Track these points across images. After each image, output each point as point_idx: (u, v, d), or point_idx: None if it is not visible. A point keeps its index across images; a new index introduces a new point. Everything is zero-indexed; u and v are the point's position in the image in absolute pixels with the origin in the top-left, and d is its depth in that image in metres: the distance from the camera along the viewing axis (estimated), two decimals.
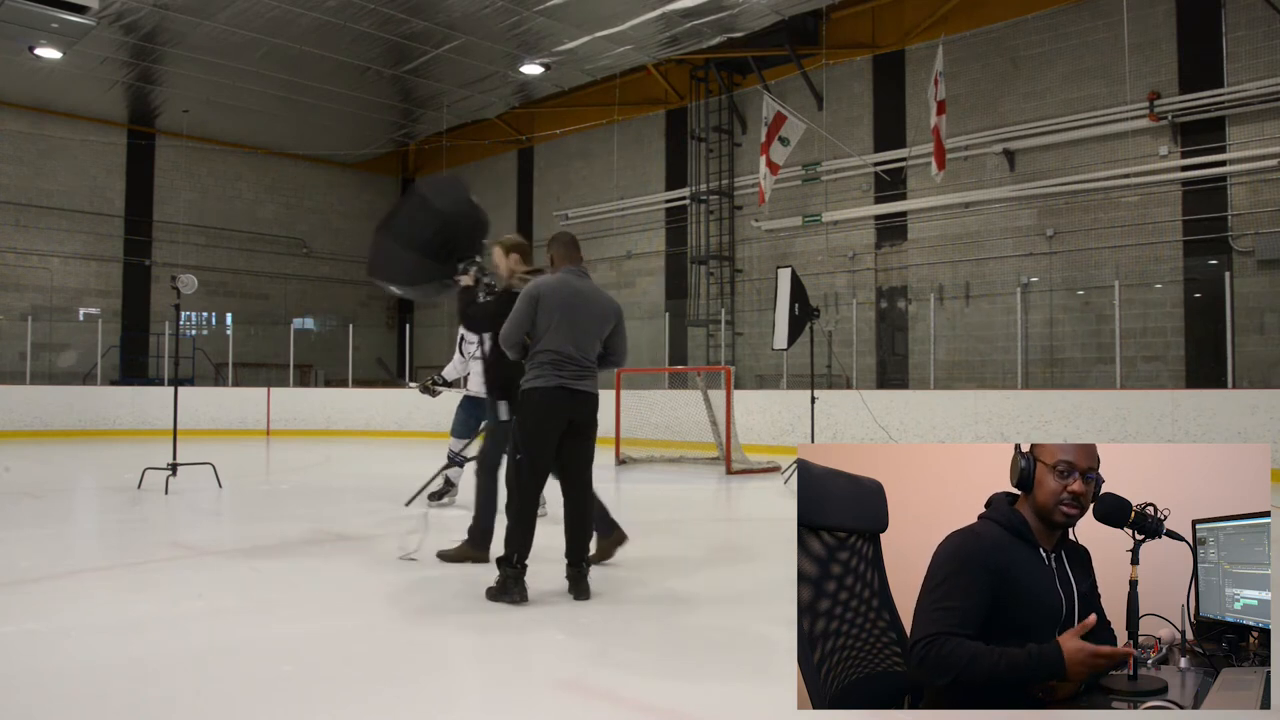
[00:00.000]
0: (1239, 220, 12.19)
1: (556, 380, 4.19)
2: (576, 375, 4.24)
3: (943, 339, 14.51)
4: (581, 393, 4.26)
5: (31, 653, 3.47)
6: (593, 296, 4.38)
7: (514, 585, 4.10)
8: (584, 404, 4.28)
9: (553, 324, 4.21)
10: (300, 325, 22.18)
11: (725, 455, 10.88)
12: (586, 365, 4.29)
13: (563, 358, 4.20)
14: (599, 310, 4.37)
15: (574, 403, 4.23)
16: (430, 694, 3.09)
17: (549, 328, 4.22)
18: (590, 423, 4.35)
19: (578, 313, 4.27)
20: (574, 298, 4.29)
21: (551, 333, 4.21)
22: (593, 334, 4.33)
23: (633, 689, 3.12)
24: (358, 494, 8.70)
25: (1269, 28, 11.91)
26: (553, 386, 4.19)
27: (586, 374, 4.30)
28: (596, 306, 4.36)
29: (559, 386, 4.19)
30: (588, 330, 4.29)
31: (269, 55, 16.55)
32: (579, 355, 4.25)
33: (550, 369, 4.20)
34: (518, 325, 4.26)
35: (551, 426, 4.21)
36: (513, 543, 4.16)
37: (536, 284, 4.31)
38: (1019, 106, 14.11)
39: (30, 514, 7.25)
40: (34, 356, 17.98)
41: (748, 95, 17.53)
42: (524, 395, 4.25)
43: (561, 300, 4.25)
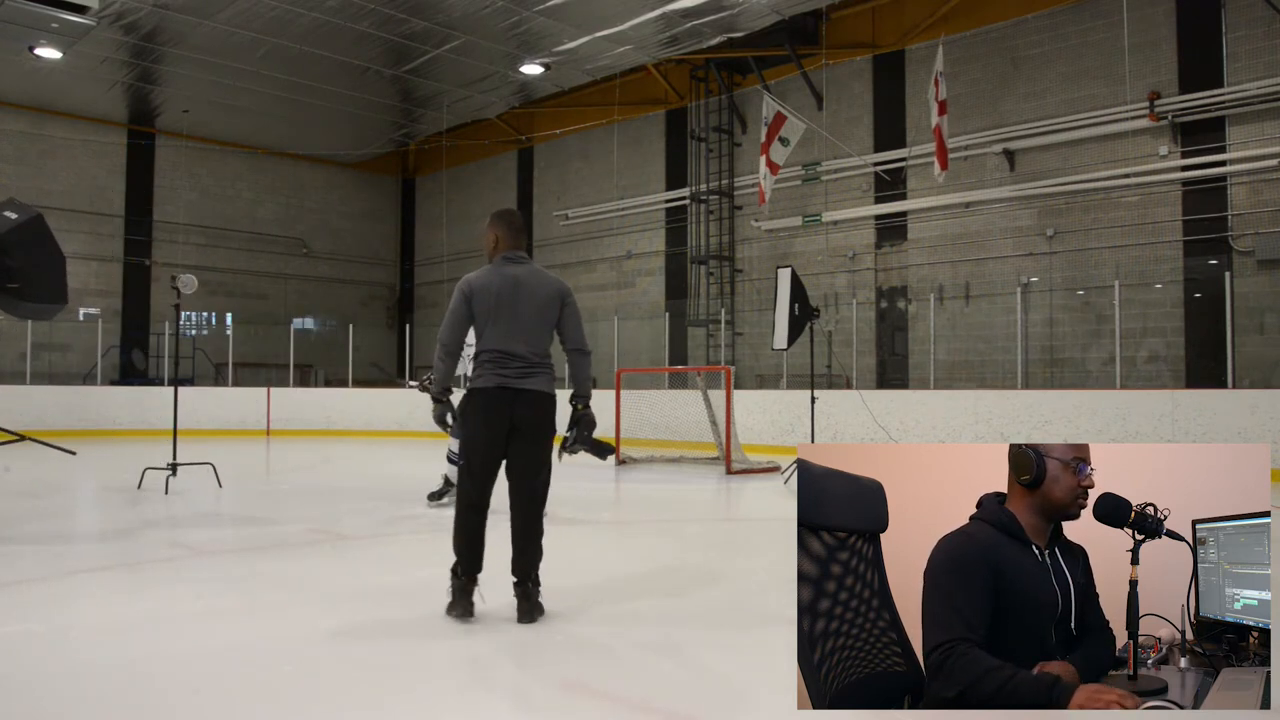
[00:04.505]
0: (1239, 220, 12.19)
1: (498, 380, 3.86)
2: (521, 373, 3.88)
3: (943, 339, 14.50)
4: (527, 392, 3.87)
5: (31, 653, 3.48)
6: (532, 282, 3.96)
7: (459, 599, 3.84)
8: (529, 403, 3.88)
9: (490, 321, 3.89)
10: (300, 325, 22.17)
11: (725, 455, 10.87)
12: (534, 362, 3.91)
13: (505, 355, 3.87)
14: (542, 297, 3.96)
15: (517, 403, 3.85)
16: (431, 693, 3.09)
17: (487, 325, 3.89)
18: (539, 424, 3.92)
19: (518, 305, 3.90)
20: (512, 289, 3.91)
21: (490, 331, 3.89)
22: (538, 325, 3.94)
23: (633, 689, 3.12)
24: (358, 494, 8.69)
25: (1269, 28, 11.91)
26: (493, 387, 3.86)
27: (534, 371, 3.91)
28: (539, 293, 3.95)
29: (500, 386, 3.85)
30: (531, 322, 3.92)
31: (269, 55, 16.55)
32: (525, 351, 3.89)
33: (491, 368, 3.87)
34: (454, 327, 3.93)
35: (493, 430, 3.85)
36: (456, 553, 3.91)
37: (467, 280, 3.96)
38: (1019, 106, 14.11)
39: (30, 514, 7.25)
40: (34, 356, 17.97)
41: (748, 95, 17.53)
42: (465, 397, 3.98)
43: (497, 293, 3.89)
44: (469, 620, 3.81)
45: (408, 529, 6.53)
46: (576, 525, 6.90)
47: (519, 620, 3.85)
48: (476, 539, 3.91)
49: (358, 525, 6.80)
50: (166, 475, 8.45)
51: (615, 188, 19.74)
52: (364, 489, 9.09)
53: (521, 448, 3.90)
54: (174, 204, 21.57)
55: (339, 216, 24.36)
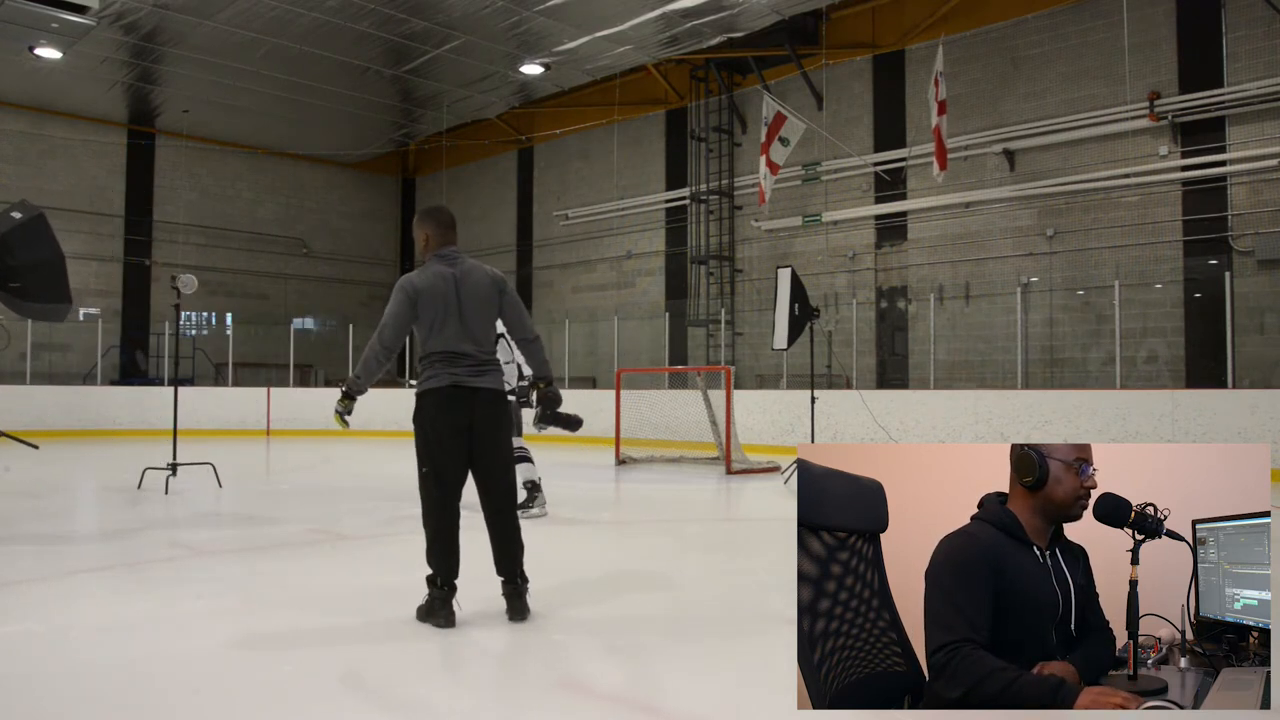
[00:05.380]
0: (1239, 220, 12.19)
1: (450, 379, 3.80)
2: (474, 371, 3.85)
3: (943, 339, 14.50)
4: (482, 390, 3.85)
5: (31, 653, 3.48)
6: (472, 279, 3.91)
7: (439, 608, 3.77)
8: (485, 402, 3.85)
9: (437, 323, 3.83)
10: (300, 325, 22.17)
11: (725, 455, 10.87)
12: (484, 359, 3.90)
13: (455, 355, 3.83)
14: (483, 292, 3.92)
15: (474, 401, 3.82)
16: (431, 693, 3.09)
17: (434, 328, 3.84)
18: (497, 422, 3.90)
19: (463, 305, 3.86)
20: (455, 290, 3.86)
21: (438, 333, 3.84)
22: (484, 323, 3.92)
23: (632, 689, 3.12)
24: (357, 494, 8.70)
25: (1269, 28, 11.91)
26: (446, 386, 3.80)
27: (485, 369, 3.90)
28: (480, 290, 3.91)
29: (454, 385, 3.80)
30: (477, 321, 3.88)
31: (269, 55, 16.55)
32: (474, 350, 3.86)
33: (442, 367, 3.82)
34: (399, 328, 3.88)
35: (451, 432, 3.80)
36: (432, 563, 3.83)
37: (410, 281, 3.88)
38: (1019, 106, 14.11)
39: (30, 514, 7.25)
40: (34, 356, 17.97)
41: (748, 95, 17.53)
42: (418, 401, 3.88)
43: (444, 295, 3.84)
44: (451, 628, 3.75)
45: (408, 529, 6.52)
46: (576, 525, 6.90)
47: (510, 619, 3.84)
48: (453, 547, 3.84)
49: (358, 525, 6.80)
50: (166, 475, 8.45)
51: (615, 188, 19.74)
52: (364, 489, 9.09)
53: (485, 448, 3.87)
54: (174, 204, 21.58)
55: (339, 216, 24.36)
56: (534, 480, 7.02)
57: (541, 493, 7.11)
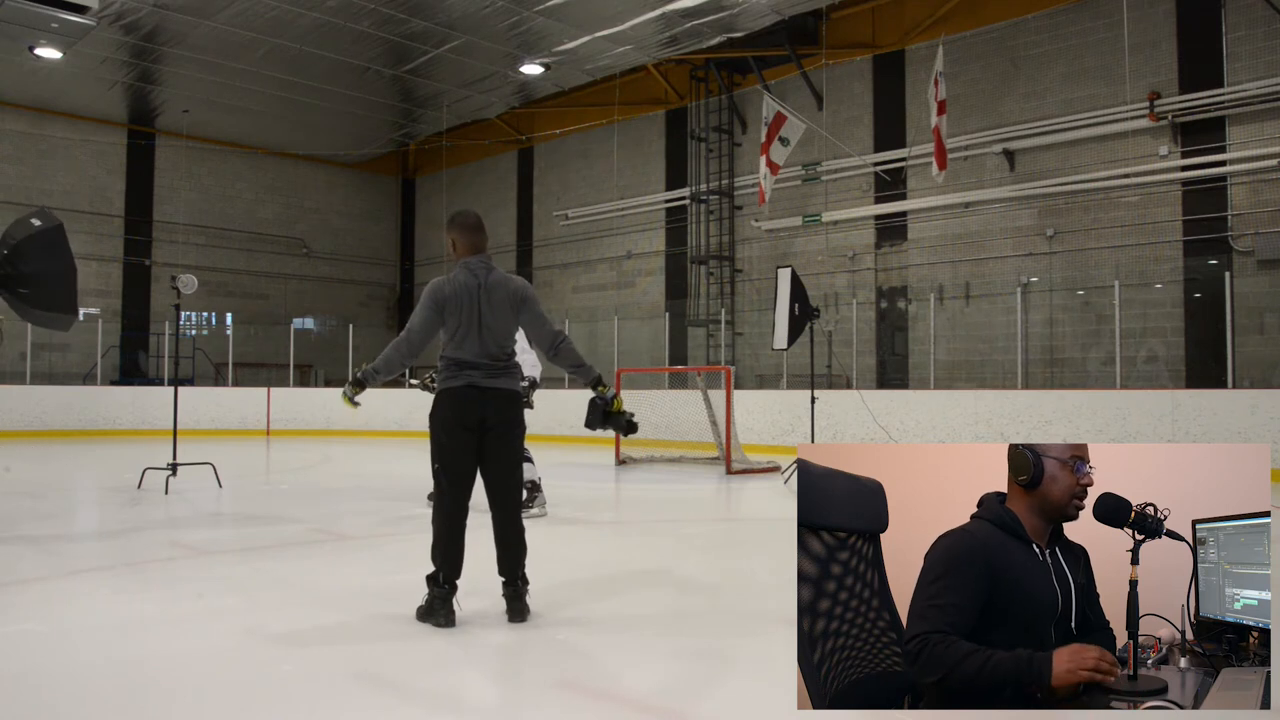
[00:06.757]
0: (1239, 220, 12.19)
1: (465, 379, 3.88)
2: (489, 374, 3.91)
3: (943, 339, 14.51)
4: (494, 389, 3.91)
5: (31, 653, 3.48)
6: (499, 291, 3.95)
7: (440, 607, 3.79)
8: (497, 401, 3.91)
9: (462, 330, 3.89)
10: (300, 325, 22.17)
11: (725, 455, 10.87)
12: (500, 363, 3.96)
13: (474, 360, 3.90)
14: (509, 306, 3.96)
15: (485, 400, 3.88)
16: (431, 693, 3.09)
17: (455, 336, 3.90)
18: (510, 422, 3.96)
19: (487, 315, 3.91)
20: (477, 304, 3.91)
21: (458, 340, 3.90)
22: (506, 331, 3.97)
23: (632, 689, 3.12)
24: (357, 494, 8.70)
25: (1269, 28, 11.91)
26: (460, 386, 3.88)
27: (500, 371, 3.95)
28: (506, 302, 3.95)
29: (468, 385, 3.88)
30: (494, 336, 3.94)
31: (269, 55, 16.55)
32: (494, 355, 3.93)
33: (457, 368, 3.90)
34: (426, 333, 3.95)
35: (464, 430, 3.87)
36: (435, 560, 3.86)
37: (440, 288, 3.93)
38: (1019, 106, 14.12)
39: (30, 514, 7.25)
40: (34, 356, 17.97)
41: (748, 95, 17.54)
42: (435, 400, 3.96)
43: (469, 305, 3.90)
44: (451, 628, 3.76)
45: (408, 529, 6.53)
46: (576, 525, 6.90)
47: (510, 620, 3.85)
48: (458, 546, 3.88)
49: (358, 525, 6.80)
50: (166, 475, 8.45)
51: (615, 188, 19.74)
52: (364, 489, 9.09)
53: (495, 448, 3.92)
54: (174, 204, 21.57)
55: (339, 216, 24.36)
56: (534, 480, 7.02)
57: (541, 493, 7.12)
